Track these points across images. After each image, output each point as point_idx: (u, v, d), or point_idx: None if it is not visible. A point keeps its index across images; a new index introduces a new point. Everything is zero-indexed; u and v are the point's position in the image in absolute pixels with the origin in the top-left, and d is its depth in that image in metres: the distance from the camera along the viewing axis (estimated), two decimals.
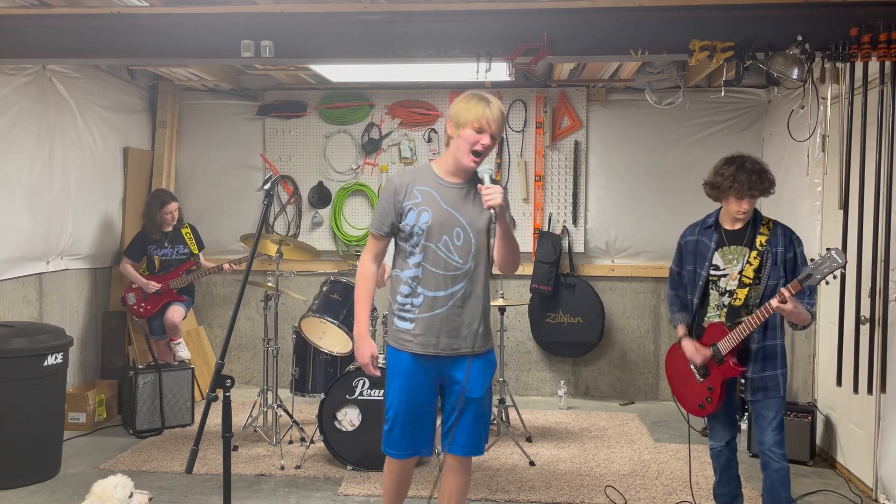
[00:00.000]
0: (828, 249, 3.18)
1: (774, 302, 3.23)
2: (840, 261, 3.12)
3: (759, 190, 3.38)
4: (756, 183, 3.36)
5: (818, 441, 4.92)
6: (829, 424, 4.86)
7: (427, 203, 2.97)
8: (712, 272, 3.52)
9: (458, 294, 2.97)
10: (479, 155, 2.93)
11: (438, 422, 3.18)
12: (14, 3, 4.27)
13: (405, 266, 3.02)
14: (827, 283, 3.25)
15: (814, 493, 4.33)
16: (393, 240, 3.11)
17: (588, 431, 5.50)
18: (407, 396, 3.02)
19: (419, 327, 2.99)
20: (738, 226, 3.50)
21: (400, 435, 3.04)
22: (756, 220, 3.50)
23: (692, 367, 3.60)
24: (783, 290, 3.22)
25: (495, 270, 3.09)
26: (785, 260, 3.41)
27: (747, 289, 3.44)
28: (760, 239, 3.44)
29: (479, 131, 2.89)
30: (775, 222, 3.51)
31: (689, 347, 3.56)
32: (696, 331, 3.61)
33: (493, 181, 2.91)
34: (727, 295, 3.49)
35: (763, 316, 3.31)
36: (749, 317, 3.36)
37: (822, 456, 4.90)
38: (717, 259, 3.52)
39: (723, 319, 3.49)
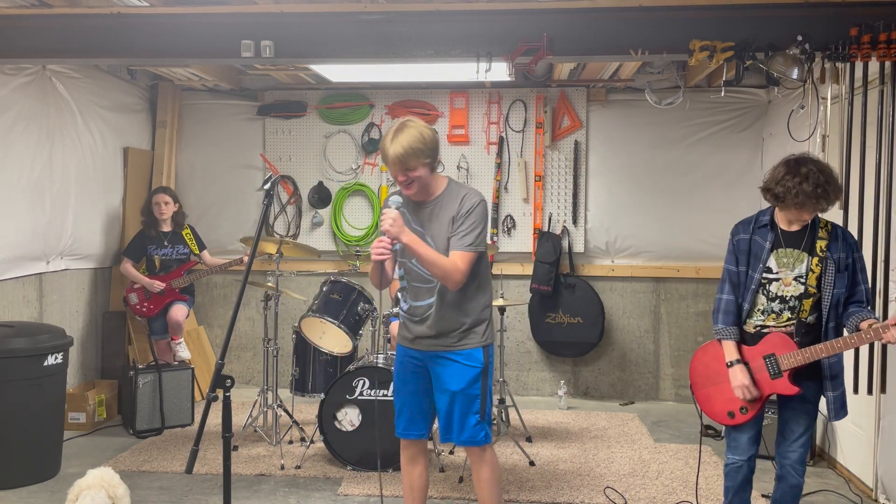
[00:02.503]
0: None
1: (893, 333, 2.91)
2: None
3: (827, 203, 3.09)
4: (822, 197, 3.05)
5: (818, 441, 4.92)
6: (829, 424, 4.86)
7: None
8: (764, 275, 3.23)
9: (434, 302, 3.19)
10: (407, 186, 3.09)
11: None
12: (14, 3, 4.27)
13: (399, 277, 3.36)
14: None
15: (814, 493, 4.33)
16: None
17: (588, 431, 5.50)
18: (400, 381, 3.36)
19: (405, 326, 3.32)
20: (795, 227, 3.21)
21: (399, 416, 3.37)
22: (814, 222, 3.21)
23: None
24: None
25: None
26: (846, 266, 3.16)
27: (811, 298, 3.17)
28: (820, 244, 3.17)
29: (391, 171, 3.09)
30: (834, 224, 3.25)
31: (741, 379, 3.21)
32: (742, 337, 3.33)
33: (399, 207, 3.10)
34: (778, 301, 3.22)
35: (866, 339, 3.00)
36: (839, 339, 3.08)
37: (822, 456, 4.90)
38: (771, 261, 3.23)
39: (771, 324, 3.23)
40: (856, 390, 4.06)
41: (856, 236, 4.01)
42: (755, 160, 6.25)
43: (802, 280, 3.18)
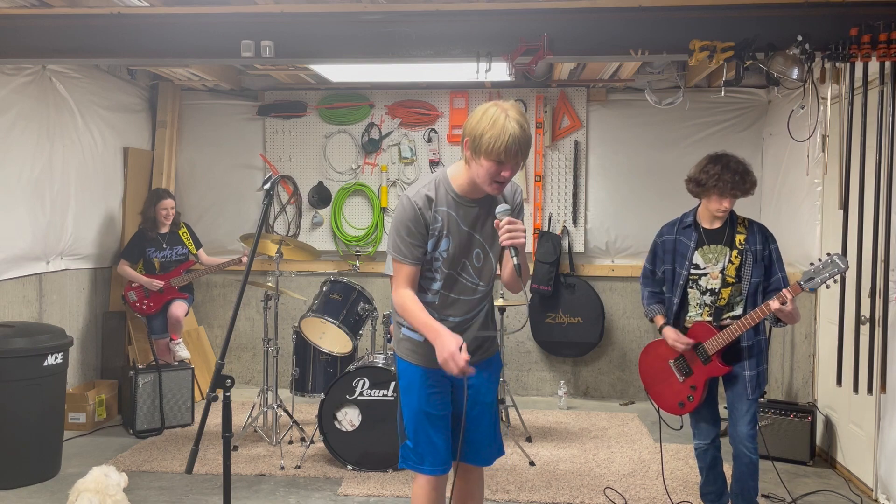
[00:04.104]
0: (828, 254, 3.25)
1: (775, 304, 3.27)
2: (842, 266, 3.18)
3: (741, 190, 3.44)
4: (739, 183, 3.42)
5: (818, 441, 4.92)
6: (829, 424, 4.86)
7: (448, 227, 2.69)
8: (693, 271, 3.56)
9: (479, 314, 2.85)
10: (503, 184, 2.62)
11: None
12: (14, 3, 4.27)
13: (426, 290, 2.78)
14: (828, 286, 3.30)
15: (814, 493, 4.33)
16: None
17: (588, 431, 5.50)
18: (427, 408, 2.81)
19: (428, 345, 2.73)
20: (716, 224, 3.55)
21: (426, 448, 2.81)
22: (733, 219, 3.56)
23: (672, 365, 3.66)
24: (785, 292, 3.27)
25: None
26: (763, 257, 3.48)
27: (730, 287, 3.50)
28: (739, 238, 3.50)
29: (501, 163, 2.53)
30: (751, 220, 3.57)
31: (671, 334, 3.58)
32: (679, 330, 3.65)
33: (507, 212, 2.62)
34: (709, 294, 3.54)
35: (759, 316, 3.37)
36: (744, 317, 3.41)
37: (822, 456, 4.89)
38: (697, 258, 3.56)
39: (706, 318, 3.54)
40: (856, 390, 4.07)
41: (856, 237, 4.03)
42: (755, 160, 6.24)
43: (724, 272, 3.51)
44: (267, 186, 3.15)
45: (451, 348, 2.56)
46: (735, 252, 3.49)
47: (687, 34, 3.96)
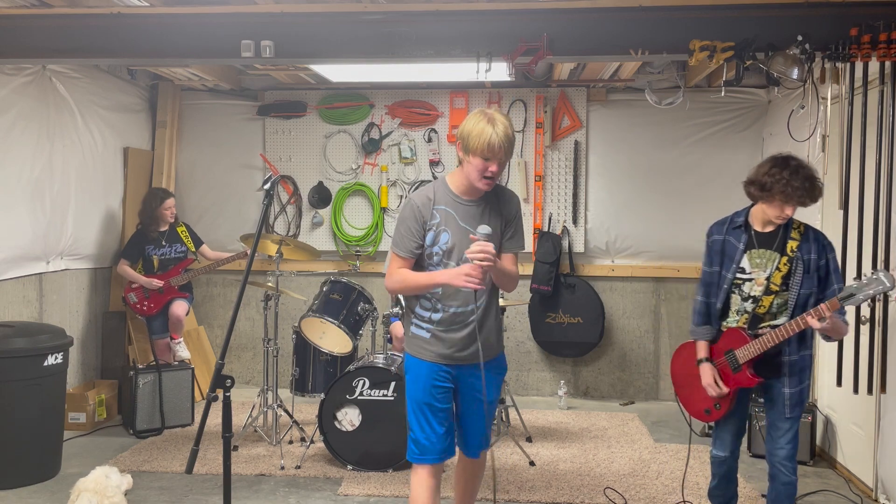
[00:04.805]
0: (874, 269, 3.03)
1: (813, 321, 3.06)
2: (888, 284, 2.94)
3: (811, 198, 3.16)
4: (809, 191, 3.14)
5: (818, 441, 4.92)
6: (829, 424, 4.86)
7: (446, 223, 3.00)
8: (738, 275, 3.32)
9: (479, 308, 3.02)
10: (491, 178, 2.94)
11: None
12: (14, 3, 4.27)
13: None
14: (870, 305, 3.04)
15: (814, 493, 4.33)
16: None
17: (588, 431, 5.50)
18: (431, 400, 3.03)
19: (439, 339, 3.04)
20: (769, 228, 3.29)
21: (429, 440, 3.04)
22: (787, 224, 3.28)
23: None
24: (823, 308, 3.05)
25: None
26: (818, 267, 3.22)
27: (773, 296, 3.25)
28: (791, 244, 3.24)
29: (487, 159, 2.89)
30: (807, 226, 3.30)
31: (708, 377, 3.35)
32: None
33: (488, 236, 2.86)
34: (751, 301, 3.30)
35: (794, 329, 3.14)
36: (779, 328, 3.18)
37: (822, 456, 4.90)
38: (744, 262, 3.31)
39: (742, 325, 3.32)
40: (856, 390, 4.06)
41: (856, 237, 4.02)
42: (755, 160, 6.21)
43: (769, 279, 3.26)
44: (267, 186, 3.16)
45: (458, 271, 2.87)
46: (784, 259, 3.22)
47: (687, 34, 3.95)
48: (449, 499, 3.71)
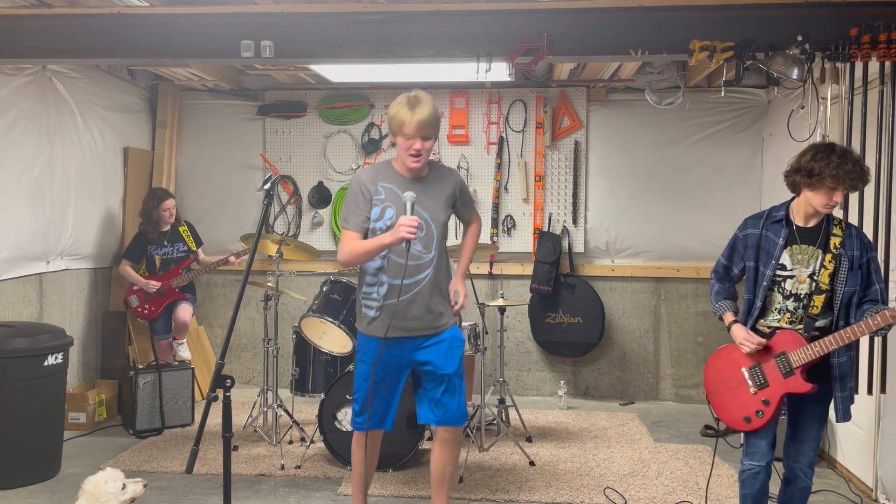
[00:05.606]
0: None
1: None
2: None
3: (862, 181, 3.05)
4: (860, 174, 3.01)
5: None
6: (829, 424, 4.86)
7: (390, 199, 3.22)
8: (778, 272, 3.16)
9: (423, 281, 3.25)
10: (418, 155, 3.17)
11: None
12: (14, 3, 4.27)
13: (377, 256, 3.27)
14: None
15: (814, 493, 4.32)
16: None
17: (588, 431, 5.50)
18: (377, 377, 3.28)
19: (385, 313, 3.26)
20: (812, 223, 3.15)
21: (365, 408, 3.34)
22: (829, 219, 3.15)
23: (745, 373, 3.23)
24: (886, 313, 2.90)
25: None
26: (861, 265, 3.09)
27: (823, 295, 3.10)
28: (834, 241, 3.10)
29: (408, 138, 3.13)
30: (848, 223, 3.19)
31: (741, 332, 3.18)
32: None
33: (413, 200, 3.11)
34: (793, 299, 3.16)
35: (864, 331, 2.95)
36: (843, 330, 3.01)
37: (822, 456, 4.89)
38: (784, 258, 3.16)
39: (785, 325, 3.17)
40: (856, 390, 4.06)
41: None
42: (755, 160, 6.25)
43: (816, 277, 3.12)
44: (267, 186, 3.16)
45: (396, 226, 3.08)
46: (829, 256, 3.08)
47: (687, 34, 3.95)
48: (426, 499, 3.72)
